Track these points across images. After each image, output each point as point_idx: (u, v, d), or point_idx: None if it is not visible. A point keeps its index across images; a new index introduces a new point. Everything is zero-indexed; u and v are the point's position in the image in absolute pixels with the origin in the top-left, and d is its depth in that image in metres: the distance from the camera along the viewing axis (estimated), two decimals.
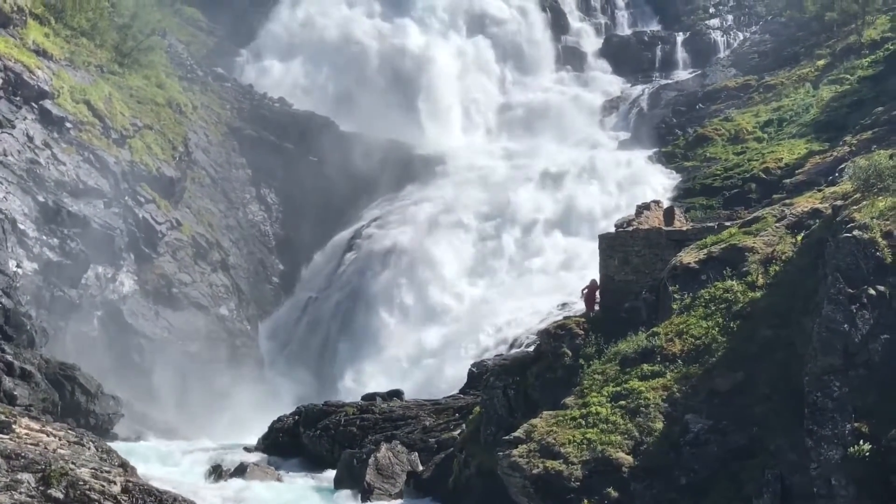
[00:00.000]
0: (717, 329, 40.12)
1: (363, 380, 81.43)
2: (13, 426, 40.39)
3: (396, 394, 66.84)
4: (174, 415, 74.13)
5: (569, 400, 40.39)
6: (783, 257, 42.29)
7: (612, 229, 51.87)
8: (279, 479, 55.66)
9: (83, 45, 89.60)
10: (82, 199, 76.97)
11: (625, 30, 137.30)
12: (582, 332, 45.10)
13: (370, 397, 65.88)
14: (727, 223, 49.03)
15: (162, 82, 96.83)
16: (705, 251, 44.34)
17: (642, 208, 54.56)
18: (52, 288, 72.66)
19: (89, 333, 75.03)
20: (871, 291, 36.13)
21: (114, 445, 50.64)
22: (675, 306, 42.34)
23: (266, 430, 63.75)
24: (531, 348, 53.60)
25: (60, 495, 34.01)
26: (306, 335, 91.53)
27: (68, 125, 78.59)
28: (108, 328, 76.42)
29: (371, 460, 50.39)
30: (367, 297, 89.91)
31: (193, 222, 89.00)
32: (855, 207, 39.78)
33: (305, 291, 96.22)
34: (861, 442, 33.41)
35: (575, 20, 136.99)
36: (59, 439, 41.61)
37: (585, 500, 36.33)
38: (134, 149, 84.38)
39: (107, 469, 37.74)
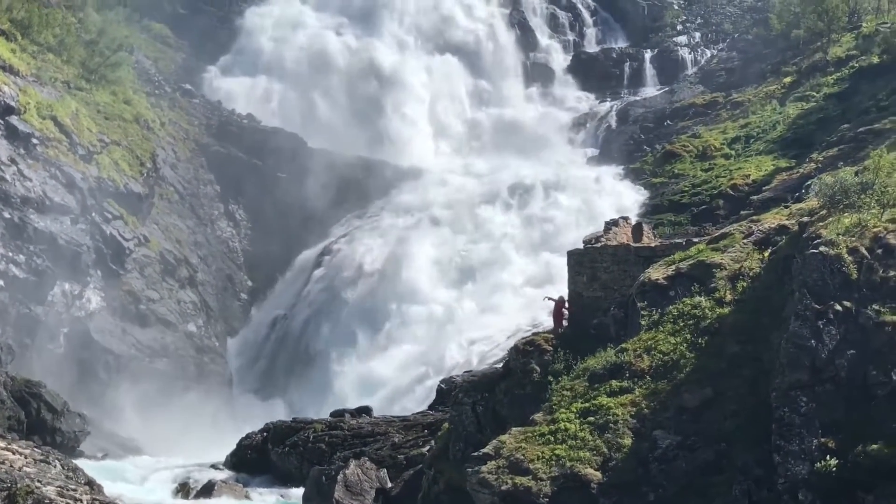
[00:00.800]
0: (685, 345, 40.16)
1: (332, 396, 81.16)
2: None
3: (365, 410, 66.69)
4: (141, 432, 73.69)
5: (537, 416, 40.34)
6: (751, 273, 42.42)
7: (581, 246, 51.91)
8: (247, 497, 55.49)
9: (50, 60, 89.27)
10: (49, 216, 76.54)
11: (593, 47, 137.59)
12: (550, 348, 45.07)
13: (339, 414, 65.69)
14: (695, 239, 49.17)
15: (129, 98, 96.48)
16: (673, 267, 44.40)
17: (611, 225, 54.62)
18: (17, 305, 72.23)
19: (55, 351, 74.60)
20: (838, 307, 36.31)
21: (80, 463, 50.40)
22: (643, 322, 42.38)
23: (234, 447, 63.50)
24: (500, 365, 53.54)
25: None
26: (275, 352, 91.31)
27: (35, 141, 78.15)
28: (74, 345, 75.98)
29: (340, 477, 50.21)
30: (335, 314, 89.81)
31: (161, 238, 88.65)
32: (821, 224, 39.98)
33: (274, 308, 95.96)
34: (828, 457, 33.53)
35: (543, 37, 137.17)
36: (25, 457, 41.37)
37: None
38: (101, 165, 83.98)
39: (73, 487, 37.55)
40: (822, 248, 37.65)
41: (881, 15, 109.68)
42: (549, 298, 50.69)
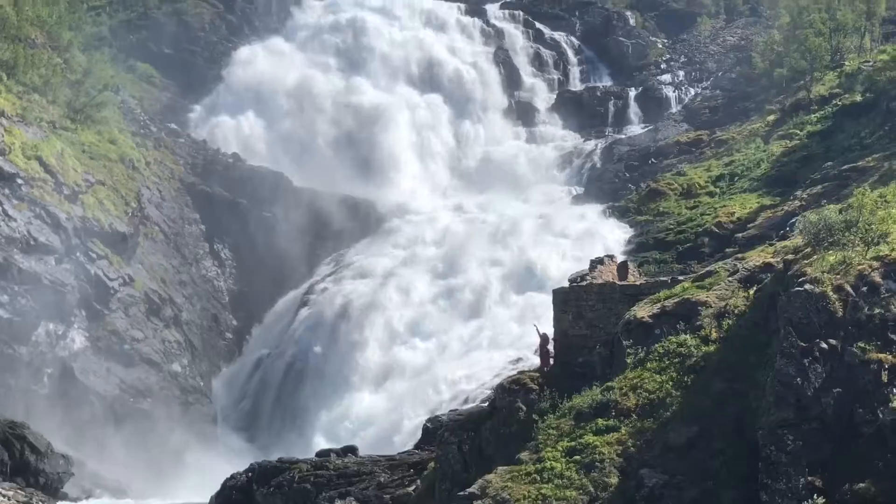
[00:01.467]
0: (671, 383, 40.10)
1: (318, 436, 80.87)
2: None
3: (351, 450, 66.37)
4: (125, 473, 73.34)
5: (524, 455, 40.20)
6: (736, 311, 42.44)
7: (566, 284, 51.91)
8: None
9: (35, 101, 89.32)
10: (33, 256, 76.42)
11: (577, 85, 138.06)
12: (536, 386, 44.99)
13: (324, 453, 65.37)
14: (680, 277, 49.23)
15: (115, 138, 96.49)
16: (659, 305, 44.40)
17: (596, 263, 54.66)
18: (1, 345, 71.97)
19: (39, 391, 74.30)
20: (823, 345, 36.32)
21: None
22: (629, 360, 42.33)
23: (219, 487, 63.11)
24: (486, 403, 53.43)
25: None
26: (259, 392, 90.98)
27: (20, 181, 78.12)
28: (58, 385, 75.68)
29: None
30: (320, 353, 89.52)
31: (146, 278, 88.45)
32: (806, 262, 40.03)
33: (259, 348, 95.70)
34: (815, 496, 33.44)
35: (528, 76, 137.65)
36: (9, 499, 41.18)
37: None
38: (86, 205, 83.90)
39: None
40: (807, 286, 37.69)
41: (863, 53, 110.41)
42: (536, 327, 50.67)
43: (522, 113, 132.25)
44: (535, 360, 52.74)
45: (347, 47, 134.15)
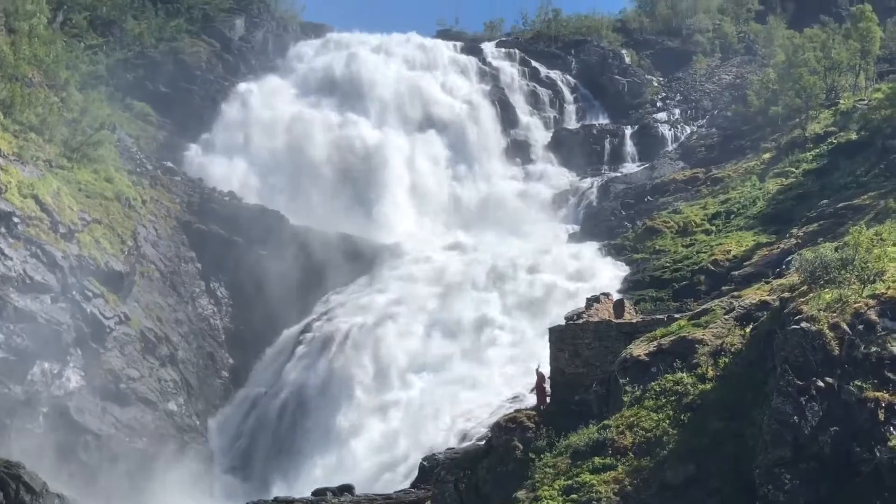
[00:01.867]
0: (667, 421, 40.09)
1: (314, 475, 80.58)
2: None
3: (347, 488, 66.23)
4: None
5: (520, 494, 40.17)
6: (732, 349, 42.46)
7: (563, 322, 51.93)
8: None
9: (32, 139, 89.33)
10: (29, 295, 76.26)
11: (573, 123, 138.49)
12: (533, 425, 44.98)
13: (320, 492, 65.22)
14: (676, 315, 49.26)
15: (111, 176, 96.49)
16: (655, 343, 44.44)
17: (592, 301, 54.73)
18: None
19: (34, 430, 73.92)
20: (820, 383, 36.33)
21: None
22: (625, 399, 42.33)
23: None
24: (482, 442, 53.32)
25: None
26: (256, 430, 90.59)
27: (16, 220, 78.04)
28: (54, 425, 75.28)
29: None
30: (317, 392, 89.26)
31: (142, 316, 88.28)
32: (802, 300, 40.10)
33: (255, 386, 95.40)
34: None
35: (524, 114, 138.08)
36: None
37: None
38: (82, 243, 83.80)
39: None
40: (803, 324, 37.73)
41: (858, 92, 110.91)
42: (537, 368, 50.65)
43: (518, 151, 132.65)
44: (532, 399, 52.66)
45: (344, 86, 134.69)
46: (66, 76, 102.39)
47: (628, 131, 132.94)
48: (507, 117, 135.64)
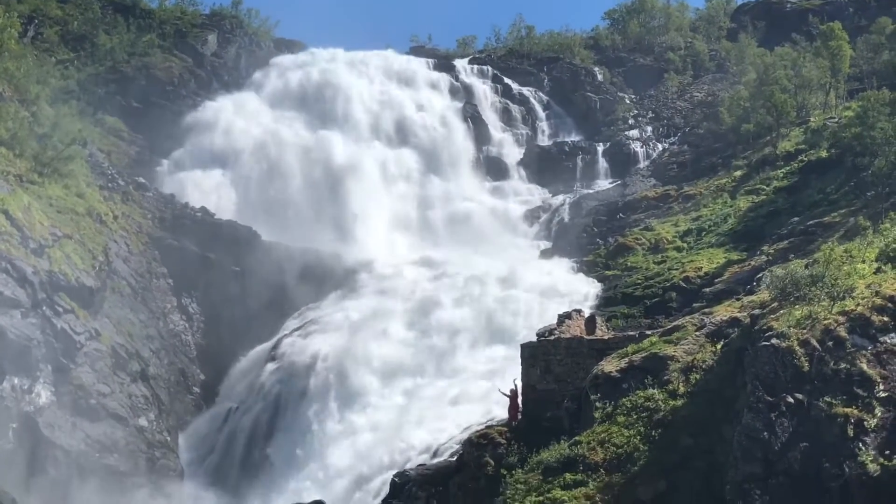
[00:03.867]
0: (638, 438, 40.19)
1: (286, 491, 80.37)
2: None
3: None
4: None
5: None
6: (703, 366, 42.64)
7: (535, 338, 51.99)
8: None
9: (2, 154, 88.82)
10: None
11: (546, 140, 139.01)
12: (504, 441, 45.03)
13: None
14: (648, 332, 49.45)
15: (82, 192, 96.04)
16: (626, 360, 44.58)
17: (564, 317, 54.87)
18: None
19: (4, 446, 73.35)
20: (790, 399, 36.51)
21: None
22: (597, 415, 42.42)
23: None
24: (454, 458, 53.29)
25: None
26: (227, 446, 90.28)
27: None
28: (23, 440, 74.73)
29: None
30: (288, 408, 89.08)
31: (113, 332, 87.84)
32: (773, 316, 40.30)
33: (226, 402, 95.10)
34: None
35: (497, 131, 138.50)
36: None
37: None
38: (53, 258, 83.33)
39: None
40: (773, 341, 37.91)
41: (828, 110, 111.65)
42: (503, 392, 50.63)
43: (491, 167, 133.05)
44: (503, 415, 52.65)
45: (317, 102, 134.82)
46: (36, 91, 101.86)
47: (600, 148, 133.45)
48: (480, 134, 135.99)
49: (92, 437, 79.89)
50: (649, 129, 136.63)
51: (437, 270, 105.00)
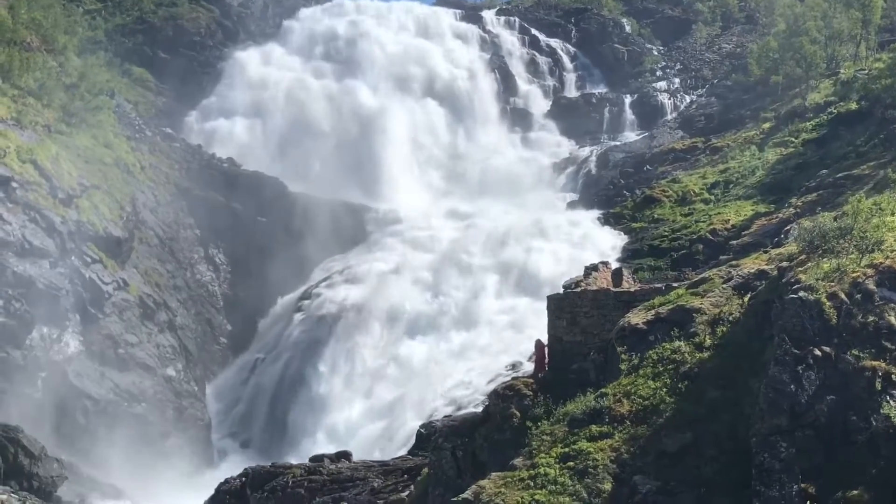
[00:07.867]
0: (664, 390, 40.07)
1: (311, 441, 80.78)
2: None
3: (344, 455, 66.30)
4: (119, 477, 73.13)
5: (517, 461, 40.15)
6: (730, 318, 42.41)
7: (561, 290, 51.87)
8: None
9: (30, 104, 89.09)
10: (27, 259, 76.22)
11: (573, 92, 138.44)
12: (530, 392, 44.90)
13: (318, 458, 65.29)
14: (675, 284, 49.15)
15: (110, 142, 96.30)
16: (653, 312, 44.38)
17: (590, 269, 54.63)
18: None
19: (33, 395, 74.07)
20: (817, 352, 36.32)
21: None
22: (623, 367, 42.30)
23: (213, 492, 63.05)
24: (480, 409, 53.37)
25: None
26: (254, 396, 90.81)
27: (14, 185, 77.95)
28: (52, 390, 75.44)
29: None
30: (315, 358, 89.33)
31: (140, 282, 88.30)
32: (800, 269, 40.05)
33: (253, 352, 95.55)
34: (808, 503, 33.44)
35: (523, 82, 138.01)
36: (3, 503, 41.05)
37: None
38: (81, 209, 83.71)
39: None
40: (801, 294, 37.70)
41: (859, 61, 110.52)
42: (537, 340, 50.63)
43: (518, 119, 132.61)
44: (530, 366, 52.68)
45: (343, 53, 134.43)
46: (64, 41, 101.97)
47: (628, 100, 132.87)
48: (507, 85, 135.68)
49: (120, 387, 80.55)
50: (677, 80, 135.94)
51: (464, 222, 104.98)
